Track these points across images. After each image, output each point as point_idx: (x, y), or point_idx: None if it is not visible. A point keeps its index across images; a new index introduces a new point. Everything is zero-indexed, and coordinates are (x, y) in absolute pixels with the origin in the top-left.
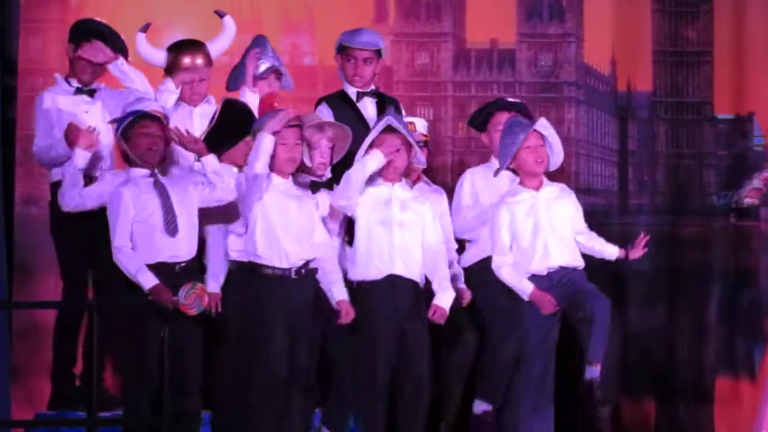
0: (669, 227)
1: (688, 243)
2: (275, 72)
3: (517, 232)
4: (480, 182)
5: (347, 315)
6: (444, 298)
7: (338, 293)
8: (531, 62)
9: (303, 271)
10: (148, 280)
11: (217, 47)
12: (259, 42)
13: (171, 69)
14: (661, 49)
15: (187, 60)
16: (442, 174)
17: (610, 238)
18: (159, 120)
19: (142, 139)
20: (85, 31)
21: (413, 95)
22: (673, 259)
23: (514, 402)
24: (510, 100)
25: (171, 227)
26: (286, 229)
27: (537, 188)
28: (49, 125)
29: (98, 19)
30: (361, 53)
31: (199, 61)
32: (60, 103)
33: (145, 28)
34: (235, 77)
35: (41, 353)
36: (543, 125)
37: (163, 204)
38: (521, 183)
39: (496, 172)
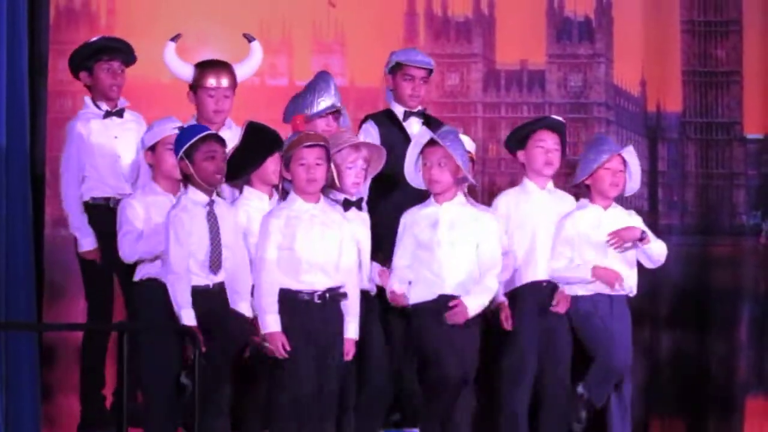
0: (699, 247)
1: (718, 262)
2: (335, 112)
3: (580, 246)
4: (514, 205)
5: (348, 354)
6: (471, 299)
7: (349, 331)
8: (561, 83)
9: (327, 296)
10: (189, 318)
11: (243, 72)
12: (323, 78)
13: (195, 85)
14: (690, 70)
15: (212, 79)
16: (472, 195)
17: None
18: (223, 141)
19: (209, 163)
20: (91, 53)
21: (443, 116)
22: (704, 279)
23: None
24: (556, 118)
25: (215, 265)
26: (308, 258)
27: (605, 207)
28: (77, 157)
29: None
30: (419, 72)
31: (224, 80)
32: (91, 130)
33: (175, 38)
34: (292, 110)
35: (71, 373)
36: (630, 152)
37: (212, 240)
38: (591, 200)
39: (571, 183)
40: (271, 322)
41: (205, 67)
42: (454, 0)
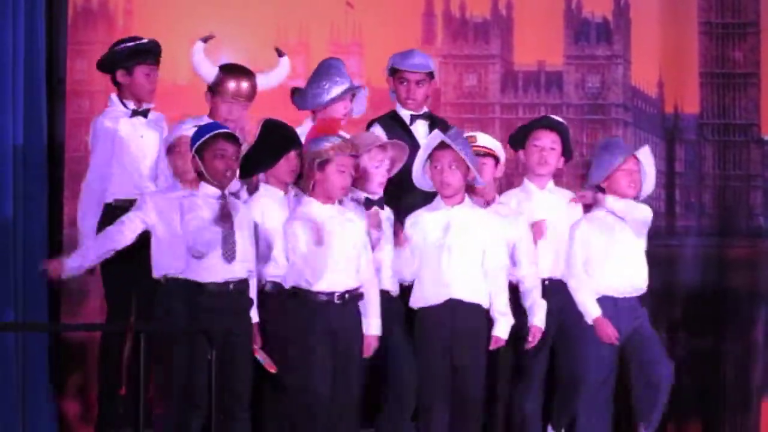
0: (716, 249)
1: (735, 264)
2: (352, 94)
3: (591, 250)
4: (513, 206)
5: (368, 349)
6: (501, 329)
7: (371, 328)
8: (578, 84)
9: (347, 296)
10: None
11: (265, 82)
12: (332, 64)
13: (215, 88)
14: (708, 71)
15: (233, 84)
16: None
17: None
18: (236, 140)
19: (218, 161)
20: (135, 53)
21: (461, 117)
22: (721, 281)
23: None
24: (555, 118)
25: (229, 254)
26: (331, 259)
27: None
28: (108, 154)
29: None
30: (413, 75)
31: (244, 91)
32: (119, 128)
33: (206, 39)
34: (310, 99)
35: (90, 374)
36: (645, 153)
37: (224, 228)
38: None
39: (584, 186)
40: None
41: (228, 73)
42: (472, 1)
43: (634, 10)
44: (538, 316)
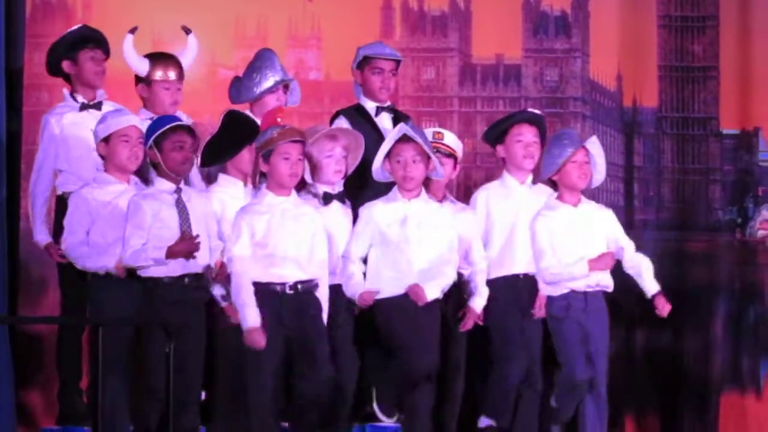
0: (675, 242)
1: (693, 258)
2: (284, 86)
3: (556, 246)
4: (494, 200)
5: None
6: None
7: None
8: (537, 77)
9: (299, 287)
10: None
11: (184, 62)
12: (265, 56)
13: (150, 79)
14: (667, 65)
15: (167, 71)
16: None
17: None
18: (193, 132)
19: (177, 153)
20: (76, 41)
21: (419, 110)
22: (679, 275)
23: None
24: (534, 112)
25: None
26: (281, 252)
27: (575, 204)
28: (51, 152)
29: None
30: (388, 64)
31: (175, 73)
32: (64, 125)
33: (133, 31)
34: (238, 91)
35: (51, 367)
36: (593, 143)
37: (182, 225)
38: (559, 197)
39: (535, 181)
40: (250, 317)
41: (157, 60)
42: None
43: (592, 3)
44: (478, 300)
